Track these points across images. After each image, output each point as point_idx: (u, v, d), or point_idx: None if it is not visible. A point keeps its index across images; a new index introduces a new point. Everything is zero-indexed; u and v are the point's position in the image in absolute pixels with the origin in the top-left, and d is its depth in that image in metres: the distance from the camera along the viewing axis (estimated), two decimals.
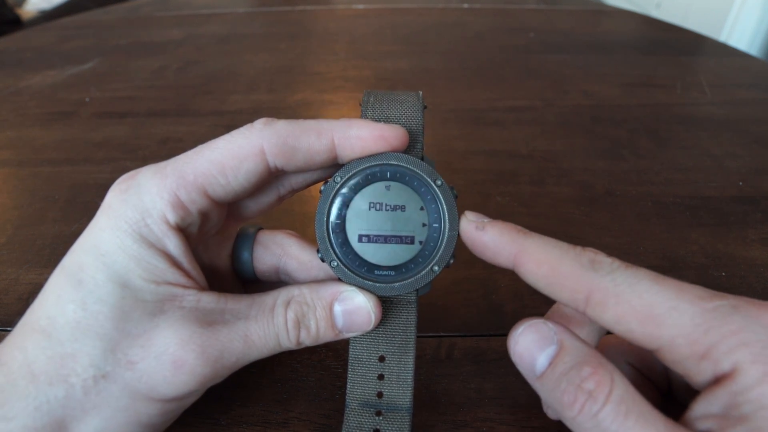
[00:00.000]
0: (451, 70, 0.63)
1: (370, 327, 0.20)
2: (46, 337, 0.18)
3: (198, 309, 0.19)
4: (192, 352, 0.18)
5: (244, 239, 0.24)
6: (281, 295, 0.20)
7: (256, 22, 0.84)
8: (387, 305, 0.21)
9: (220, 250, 0.23)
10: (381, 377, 0.21)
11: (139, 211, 0.19)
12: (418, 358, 0.26)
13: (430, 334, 0.28)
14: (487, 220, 0.20)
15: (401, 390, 0.21)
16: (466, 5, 0.91)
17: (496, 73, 0.61)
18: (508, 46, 0.71)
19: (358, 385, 0.21)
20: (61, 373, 0.18)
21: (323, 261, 0.21)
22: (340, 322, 0.20)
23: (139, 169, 0.20)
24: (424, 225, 0.20)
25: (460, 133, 0.48)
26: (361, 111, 0.21)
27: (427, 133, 0.21)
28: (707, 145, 0.45)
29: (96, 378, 0.18)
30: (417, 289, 0.21)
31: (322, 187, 0.21)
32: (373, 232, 0.20)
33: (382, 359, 0.21)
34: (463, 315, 0.29)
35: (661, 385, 0.21)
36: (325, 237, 0.20)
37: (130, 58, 0.68)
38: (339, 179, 0.20)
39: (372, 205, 0.20)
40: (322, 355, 0.26)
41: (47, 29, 0.83)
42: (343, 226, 0.20)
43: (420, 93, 0.22)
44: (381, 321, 0.21)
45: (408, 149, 0.21)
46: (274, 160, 0.20)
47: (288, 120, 0.20)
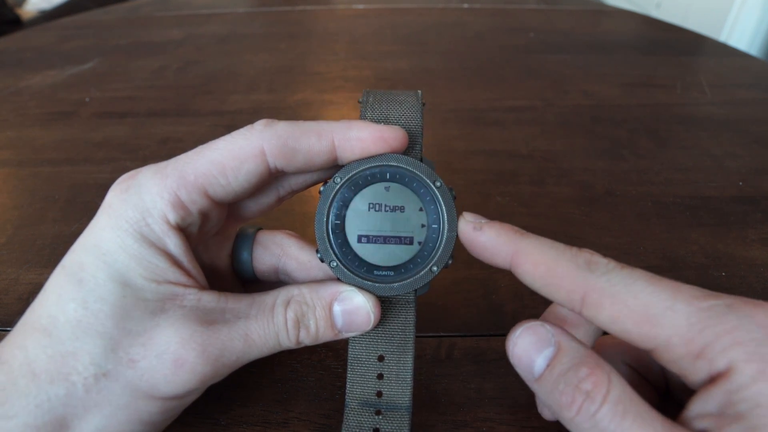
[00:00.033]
0: (451, 70, 0.63)
1: (370, 327, 0.20)
2: (47, 336, 0.18)
3: (198, 308, 0.19)
4: (193, 350, 0.18)
5: (244, 239, 0.24)
6: (281, 295, 0.20)
7: (256, 22, 0.84)
8: (386, 305, 0.21)
9: (219, 250, 0.24)
10: (380, 377, 0.21)
11: (140, 210, 0.19)
12: (418, 358, 0.26)
13: (430, 334, 0.28)
14: (484, 221, 0.20)
15: (400, 389, 0.21)
16: (466, 5, 0.91)
17: (496, 73, 0.61)
18: (508, 46, 0.71)
19: (358, 385, 0.21)
20: (62, 371, 0.18)
21: (323, 261, 0.21)
22: (339, 321, 0.20)
23: (139, 169, 0.20)
24: (423, 226, 0.21)
25: (460, 133, 0.48)
26: (361, 111, 0.21)
27: (427, 133, 0.21)
28: (707, 145, 0.45)
29: (97, 376, 0.18)
30: (416, 289, 0.21)
31: (321, 187, 0.21)
32: (372, 232, 0.21)
33: (381, 359, 0.21)
34: (463, 315, 0.29)
35: (659, 384, 0.21)
36: (325, 237, 0.20)
37: (130, 58, 0.68)
38: (339, 180, 0.20)
39: (371, 206, 0.21)
40: (322, 355, 0.26)
41: (47, 29, 0.83)
42: (342, 227, 0.21)
43: (419, 92, 0.22)
44: (380, 321, 0.21)
45: (407, 150, 0.21)
46: (275, 161, 0.20)
47: (288, 121, 0.20)
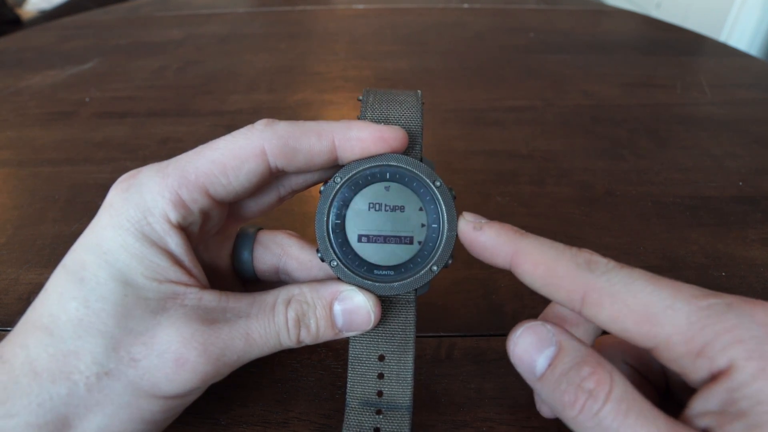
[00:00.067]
0: (451, 70, 0.63)
1: (370, 326, 0.20)
2: (49, 335, 0.18)
3: (200, 307, 0.19)
4: (194, 350, 0.18)
5: (245, 239, 0.24)
6: (282, 294, 0.20)
7: (256, 22, 0.84)
8: (386, 305, 0.21)
9: (220, 250, 0.24)
10: (381, 376, 0.21)
11: (141, 209, 0.19)
12: (419, 358, 0.26)
13: (430, 334, 0.28)
14: (484, 221, 0.20)
15: (401, 389, 0.21)
16: (466, 5, 0.91)
17: (496, 73, 0.61)
18: (508, 46, 0.71)
19: (358, 384, 0.21)
20: (64, 370, 0.18)
21: (323, 261, 0.21)
22: (339, 321, 0.20)
23: (140, 168, 0.20)
24: (423, 225, 0.21)
25: (460, 133, 0.48)
26: (361, 111, 0.21)
27: (427, 133, 0.21)
28: (707, 145, 0.45)
29: (99, 375, 0.18)
30: (416, 288, 0.21)
31: (322, 187, 0.21)
32: (372, 232, 0.21)
33: (381, 358, 0.21)
34: (463, 315, 0.29)
35: (659, 384, 0.21)
36: (325, 237, 0.20)
37: (130, 58, 0.68)
38: (339, 180, 0.20)
39: (371, 206, 0.21)
40: (322, 355, 0.26)
41: (47, 29, 0.83)
42: (342, 226, 0.21)
43: (419, 92, 0.22)
44: (380, 320, 0.21)
45: (407, 150, 0.21)
46: (275, 161, 0.20)
47: (289, 121, 0.20)
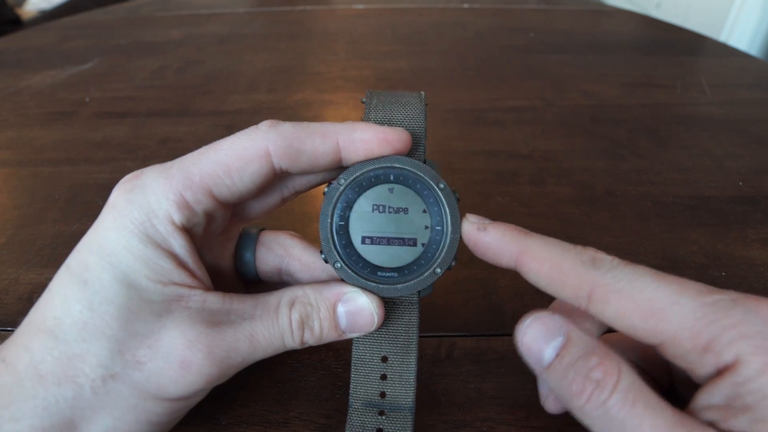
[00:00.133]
0: (451, 70, 0.63)
1: (373, 328, 0.20)
2: (53, 338, 0.18)
3: (204, 309, 0.19)
4: (199, 352, 0.18)
5: (247, 240, 0.24)
6: (285, 296, 0.20)
7: (256, 22, 0.84)
8: (389, 306, 0.21)
9: (222, 251, 0.23)
10: (384, 377, 0.21)
11: (145, 211, 0.19)
12: (418, 358, 0.26)
13: (430, 334, 0.28)
14: (488, 222, 0.20)
15: (404, 390, 0.21)
16: (466, 5, 0.92)
17: (496, 73, 0.61)
18: (508, 46, 0.71)
19: (361, 385, 0.21)
20: (69, 373, 0.18)
21: (327, 262, 0.21)
22: (343, 322, 0.20)
23: (143, 169, 0.20)
24: (427, 227, 0.21)
25: (460, 133, 0.48)
26: (365, 113, 0.21)
27: (428, 133, 0.21)
28: (707, 145, 0.45)
29: (105, 378, 0.18)
30: (419, 290, 0.21)
31: (325, 188, 0.21)
32: (376, 234, 0.21)
33: (384, 359, 0.21)
34: (463, 315, 0.29)
35: (662, 382, 0.21)
36: (329, 238, 0.20)
37: (130, 58, 0.68)
38: (343, 181, 0.20)
39: (375, 208, 0.21)
40: (322, 355, 0.26)
41: (47, 29, 0.83)
42: (346, 228, 0.21)
43: (422, 93, 0.22)
44: (384, 322, 0.21)
45: (411, 152, 0.21)
46: (280, 162, 0.20)
47: (293, 122, 0.20)
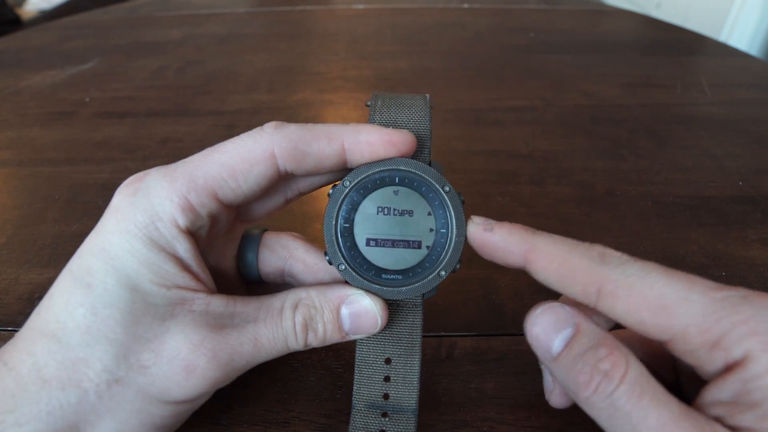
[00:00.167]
0: (451, 70, 0.63)
1: (377, 330, 0.20)
2: (56, 342, 0.18)
3: (208, 313, 0.19)
4: (203, 356, 0.18)
5: (250, 241, 0.24)
6: (289, 298, 0.20)
7: (256, 22, 0.84)
8: (393, 308, 0.21)
9: (225, 252, 0.23)
10: (387, 379, 0.21)
11: (149, 214, 0.19)
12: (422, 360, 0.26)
13: (431, 334, 0.28)
14: (494, 222, 0.20)
15: (407, 392, 0.21)
16: (466, 5, 0.91)
17: (496, 73, 0.61)
18: (508, 46, 0.71)
19: (365, 387, 0.21)
20: (73, 378, 0.17)
21: (331, 264, 0.20)
22: (347, 324, 0.20)
23: (147, 171, 0.20)
24: (432, 230, 0.20)
25: (460, 133, 0.48)
26: (369, 115, 0.21)
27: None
28: (707, 145, 0.45)
29: (109, 383, 0.18)
30: (423, 293, 0.21)
31: (330, 190, 0.21)
32: (380, 236, 0.20)
33: (388, 361, 0.21)
34: (463, 315, 0.29)
35: (669, 380, 0.21)
36: (334, 240, 0.20)
37: (130, 58, 0.68)
38: (348, 183, 0.20)
39: (380, 210, 0.20)
40: (322, 355, 0.26)
41: (47, 29, 0.83)
42: (351, 230, 0.20)
43: (427, 96, 0.22)
44: (387, 323, 0.21)
45: (416, 154, 0.21)
46: (284, 164, 0.20)
47: (298, 124, 0.20)
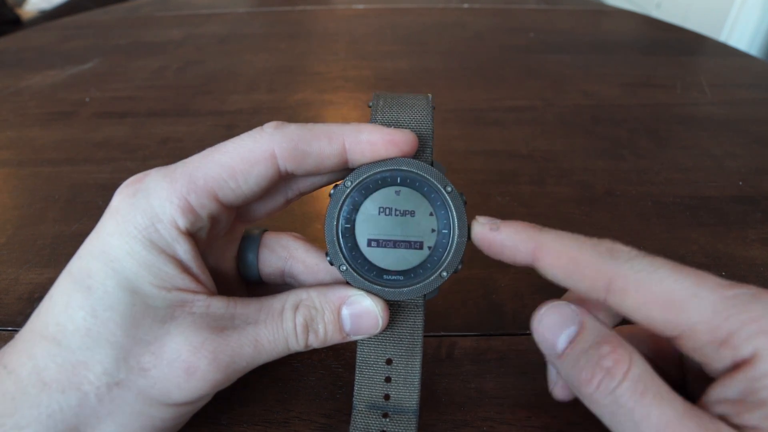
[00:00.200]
0: (451, 70, 0.63)
1: (378, 330, 0.20)
2: (56, 345, 0.18)
3: (208, 314, 0.19)
4: (204, 358, 0.18)
5: (250, 241, 0.24)
6: (289, 299, 0.20)
7: (256, 22, 0.84)
8: (394, 308, 0.21)
9: (225, 252, 0.23)
10: (388, 380, 0.21)
11: (149, 216, 0.18)
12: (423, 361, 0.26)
13: (431, 334, 0.28)
14: (499, 221, 0.20)
15: (408, 392, 0.21)
16: (466, 5, 0.91)
17: (496, 73, 0.61)
18: (508, 46, 0.71)
19: (366, 387, 0.21)
20: (73, 380, 0.17)
21: (332, 265, 0.20)
22: (347, 325, 0.20)
23: (146, 172, 0.20)
24: (434, 231, 0.20)
25: (460, 133, 0.48)
26: (371, 115, 0.21)
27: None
28: (707, 145, 0.45)
29: (110, 385, 0.18)
30: (425, 294, 0.21)
31: (331, 190, 0.20)
32: (382, 236, 0.20)
33: (389, 362, 0.21)
34: (463, 315, 0.29)
35: (674, 376, 0.21)
36: (335, 241, 0.20)
37: (130, 58, 0.68)
38: (349, 184, 0.20)
39: (382, 210, 0.20)
40: (322, 355, 0.26)
41: (47, 29, 0.83)
42: (352, 231, 0.20)
43: (429, 96, 0.22)
44: (388, 324, 0.21)
45: (417, 154, 0.21)
46: (285, 165, 0.19)
47: (299, 124, 0.20)
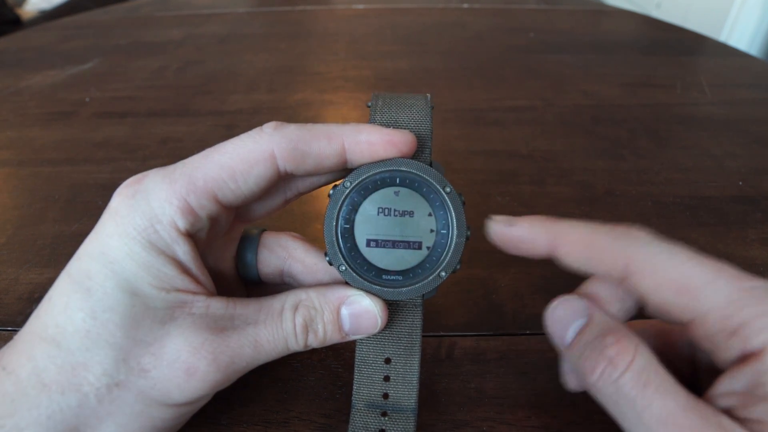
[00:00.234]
0: (451, 70, 0.63)
1: (377, 330, 0.20)
2: (56, 346, 0.18)
3: (208, 315, 0.19)
4: (204, 359, 0.18)
5: (249, 242, 0.24)
6: (289, 300, 0.20)
7: (256, 22, 0.84)
8: (393, 308, 0.21)
9: (224, 252, 0.23)
10: (387, 379, 0.21)
11: (148, 217, 0.18)
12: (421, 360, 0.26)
13: (430, 334, 0.28)
14: (514, 218, 0.20)
15: (407, 391, 0.21)
16: (466, 5, 0.91)
17: (496, 73, 0.61)
18: (508, 46, 0.71)
19: (364, 386, 0.21)
20: (73, 382, 0.17)
21: (331, 265, 0.20)
22: (347, 325, 0.20)
23: (146, 173, 0.20)
24: (432, 231, 0.20)
25: (460, 133, 0.48)
26: (370, 115, 0.21)
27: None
28: (707, 145, 0.45)
29: (110, 387, 0.18)
30: (423, 293, 0.21)
31: (331, 191, 0.20)
32: (381, 237, 0.20)
33: (388, 361, 0.22)
34: (463, 315, 0.29)
35: (685, 371, 0.21)
36: (334, 241, 0.20)
37: (130, 58, 0.68)
38: (348, 184, 0.20)
39: (381, 210, 0.20)
40: (322, 355, 0.26)
41: (47, 29, 0.83)
42: (351, 231, 0.20)
43: (428, 96, 0.22)
44: (387, 324, 0.21)
45: (416, 154, 0.21)
46: (284, 165, 0.19)
47: (298, 124, 0.20)
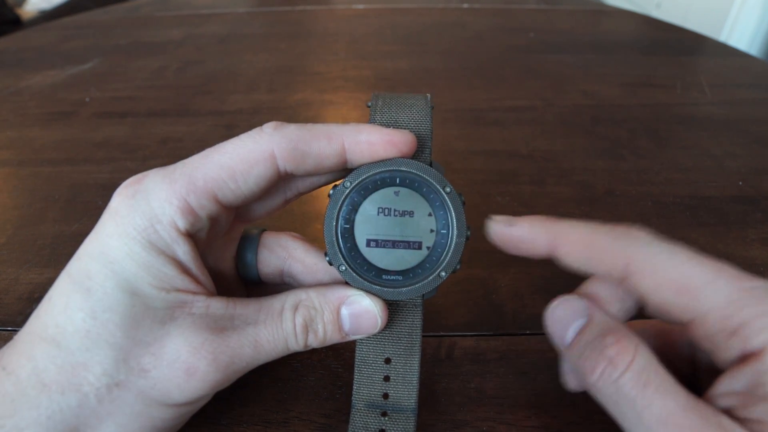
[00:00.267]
0: (451, 70, 0.63)
1: (377, 330, 0.20)
2: (56, 347, 0.18)
3: (208, 315, 0.19)
4: (204, 359, 0.18)
5: (249, 241, 0.24)
6: (289, 300, 0.20)
7: (256, 22, 0.84)
8: (393, 308, 0.21)
9: (224, 252, 0.23)
10: (387, 378, 0.21)
11: (148, 217, 0.18)
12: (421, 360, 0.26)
13: (430, 334, 0.28)
14: (514, 218, 0.20)
15: (407, 391, 0.21)
16: (466, 5, 0.91)
17: (496, 73, 0.61)
18: (508, 46, 0.71)
19: (364, 386, 0.21)
20: (73, 382, 0.17)
21: (331, 265, 0.20)
22: (347, 325, 0.20)
23: (146, 173, 0.20)
24: (432, 231, 0.20)
25: (460, 133, 0.48)
26: (370, 115, 0.21)
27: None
28: (707, 145, 0.45)
29: (110, 387, 0.18)
30: (423, 293, 0.21)
31: (331, 191, 0.21)
32: (381, 237, 0.20)
33: (388, 361, 0.22)
34: (463, 315, 0.29)
35: (685, 371, 0.21)
36: (334, 241, 0.20)
37: (130, 58, 0.68)
38: (348, 184, 0.20)
39: (381, 210, 0.20)
40: (322, 355, 0.26)
41: (47, 29, 0.83)
42: (351, 231, 0.20)
43: (428, 96, 0.22)
44: (387, 324, 0.21)
45: (416, 154, 0.21)
46: (284, 165, 0.19)
47: (298, 124, 0.20)
